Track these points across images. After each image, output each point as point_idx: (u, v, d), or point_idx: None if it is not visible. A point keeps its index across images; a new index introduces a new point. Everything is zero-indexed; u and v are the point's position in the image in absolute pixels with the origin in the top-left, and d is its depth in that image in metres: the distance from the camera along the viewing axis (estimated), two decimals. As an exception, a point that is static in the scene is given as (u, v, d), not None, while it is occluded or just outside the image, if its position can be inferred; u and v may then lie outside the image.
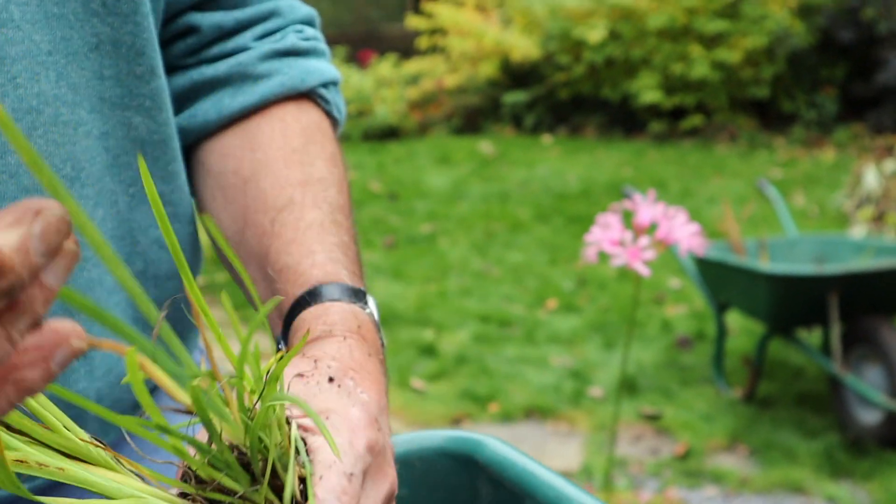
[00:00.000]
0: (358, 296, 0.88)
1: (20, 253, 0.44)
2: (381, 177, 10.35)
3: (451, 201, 9.32)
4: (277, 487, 0.63)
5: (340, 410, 0.71)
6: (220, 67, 1.01)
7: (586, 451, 4.34)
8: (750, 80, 11.96)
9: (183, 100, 1.03)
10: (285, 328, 0.88)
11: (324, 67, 1.05)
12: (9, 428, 0.58)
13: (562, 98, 12.70)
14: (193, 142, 1.05)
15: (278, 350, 0.88)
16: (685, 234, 2.45)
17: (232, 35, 1.03)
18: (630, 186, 5.61)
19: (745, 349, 5.32)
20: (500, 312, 6.23)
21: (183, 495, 0.63)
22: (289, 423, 0.66)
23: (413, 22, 13.72)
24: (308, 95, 1.04)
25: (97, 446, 0.61)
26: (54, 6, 0.86)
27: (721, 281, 4.72)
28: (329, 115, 1.06)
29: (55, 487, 0.95)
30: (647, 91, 11.83)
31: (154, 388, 1.00)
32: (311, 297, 0.87)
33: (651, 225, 2.50)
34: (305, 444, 0.67)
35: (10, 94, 0.84)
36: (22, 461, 0.57)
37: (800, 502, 3.93)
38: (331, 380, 0.74)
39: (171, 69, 1.04)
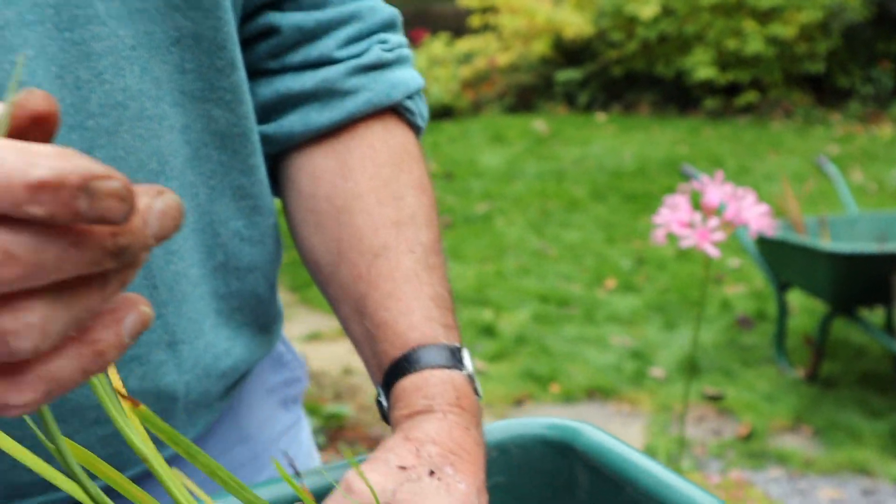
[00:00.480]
0: (455, 355, 0.90)
1: (140, 219, 0.44)
2: (436, 156, 10.35)
3: (506, 180, 9.31)
4: None
5: None
6: (307, 82, 1.01)
7: (649, 432, 4.34)
8: (805, 56, 11.85)
9: (269, 110, 1.04)
10: (385, 385, 0.91)
11: (408, 78, 1.04)
12: None
13: (615, 75, 12.65)
14: (279, 152, 1.05)
15: (378, 402, 0.92)
16: (754, 214, 2.44)
17: (313, 38, 1.02)
18: (688, 164, 5.58)
19: (806, 328, 5.29)
20: (558, 292, 6.23)
21: None
22: None
23: (465, 0, 13.70)
24: (394, 108, 1.04)
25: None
26: (137, 1, 0.87)
27: (782, 260, 4.68)
28: (413, 124, 1.06)
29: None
30: (701, 67, 11.75)
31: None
32: (408, 363, 0.89)
33: (719, 205, 2.48)
34: None
35: (96, 90, 0.85)
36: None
37: (865, 484, 3.91)
38: (431, 473, 0.78)
39: (254, 73, 1.04)
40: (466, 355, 0.91)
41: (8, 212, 0.41)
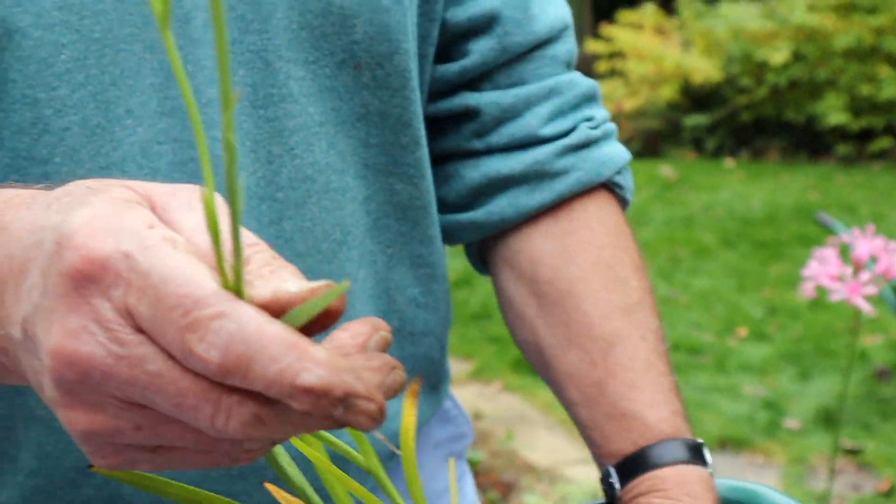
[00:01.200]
0: (698, 451, 0.93)
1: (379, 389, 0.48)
2: (562, 201, 10.33)
3: (633, 226, 9.11)
4: None
5: None
6: (516, 165, 1.01)
7: (783, 485, 4.26)
8: (941, 101, 11.61)
9: (476, 193, 1.04)
10: (621, 472, 0.93)
11: (615, 154, 1.04)
12: None
13: (744, 121, 12.52)
14: (489, 235, 1.06)
15: (608, 483, 0.94)
16: (907, 268, 2.39)
17: (514, 115, 1.02)
18: (824, 213, 5.50)
19: (947, 382, 5.16)
20: (688, 340, 6.16)
21: None
22: None
23: (591, 46, 13.70)
24: (604, 183, 1.04)
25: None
26: (327, 80, 0.90)
27: (924, 311, 4.58)
28: (622, 199, 1.07)
29: None
30: (833, 113, 11.57)
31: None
32: (658, 455, 0.92)
33: (870, 258, 2.44)
34: None
35: (287, 165, 0.88)
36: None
37: None
38: None
39: (460, 154, 1.05)
40: (706, 451, 0.93)
41: (272, 396, 0.46)
